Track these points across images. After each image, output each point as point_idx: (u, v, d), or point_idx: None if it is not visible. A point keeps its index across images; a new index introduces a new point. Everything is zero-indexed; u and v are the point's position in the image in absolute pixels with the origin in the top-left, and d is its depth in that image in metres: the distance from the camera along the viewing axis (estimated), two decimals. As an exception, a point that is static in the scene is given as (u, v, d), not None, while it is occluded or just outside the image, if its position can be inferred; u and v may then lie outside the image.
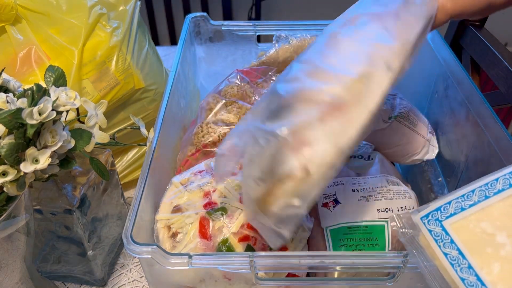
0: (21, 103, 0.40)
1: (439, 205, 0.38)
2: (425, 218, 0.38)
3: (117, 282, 0.60)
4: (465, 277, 0.34)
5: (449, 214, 0.37)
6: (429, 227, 0.37)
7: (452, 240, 0.36)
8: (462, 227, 0.37)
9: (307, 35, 0.72)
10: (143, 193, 0.46)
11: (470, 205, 0.37)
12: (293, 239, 0.47)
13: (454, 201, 0.38)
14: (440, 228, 0.37)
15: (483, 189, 0.38)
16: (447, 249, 0.36)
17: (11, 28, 0.58)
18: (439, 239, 0.37)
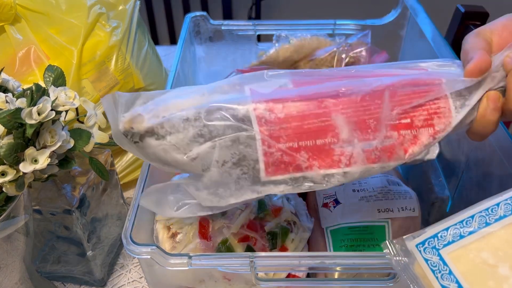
0: (20, 103, 0.40)
1: (436, 232, 0.36)
2: (420, 245, 0.35)
3: (116, 283, 0.59)
4: None
5: (446, 242, 0.35)
6: (425, 256, 0.35)
7: (451, 271, 0.34)
8: (461, 257, 0.34)
9: (307, 35, 0.72)
10: (142, 193, 0.46)
11: (469, 232, 0.35)
12: (293, 239, 0.47)
13: (452, 228, 0.35)
14: (437, 257, 0.35)
15: (483, 214, 0.35)
16: (445, 281, 0.34)
17: (10, 27, 0.58)
18: (437, 269, 0.34)
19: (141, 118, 0.37)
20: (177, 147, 0.37)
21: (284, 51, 0.70)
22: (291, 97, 0.37)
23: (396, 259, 0.36)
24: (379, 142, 0.38)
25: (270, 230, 0.46)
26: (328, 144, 0.37)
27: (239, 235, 0.45)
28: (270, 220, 0.46)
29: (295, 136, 0.36)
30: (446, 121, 0.39)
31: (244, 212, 0.46)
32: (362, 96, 0.38)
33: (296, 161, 0.37)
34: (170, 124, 0.37)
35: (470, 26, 0.94)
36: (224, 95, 0.39)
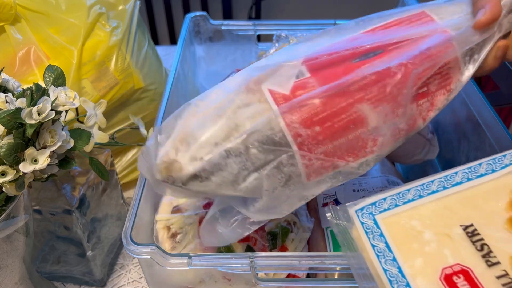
0: (20, 103, 0.40)
1: (374, 200, 0.39)
2: (359, 211, 0.39)
3: (116, 283, 0.59)
4: (388, 268, 0.36)
5: (382, 209, 0.39)
6: (362, 220, 0.39)
7: (382, 234, 0.38)
8: (393, 222, 0.38)
9: (308, 35, 0.72)
10: (142, 193, 0.46)
11: (404, 202, 0.39)
12: (293, 239, 0.47)
13: (389, 198, 0.39)
14: (372, 222, 0.38)
15: (418, 189, 0.39)
16: (376, 241, 0.37)
17: (10, 27, 0.58)
18: (370, 231, 0.38)
19: (178, 166, 0.36)
20: (223, 185, 0.36)
21: (284, 51, 0.70)
22: (316, 95, 0.37)
23: (336, 222, 0.40)
24: (404, 119, 0.39)
25: (270, 230, 0.46)
26: (360, 136, 0.38)
27: (239, 235, 0.45)
28: (270, 220, 0.46)
29: (328, 139, 0.37)
30: (456, 79, 0.40)
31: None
32: (384, 81, 0.38)
33: (333, 161, 0.38)
34: (211, 165, 0.36)
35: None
36: (248, 109, 0.37)
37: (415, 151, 0.64)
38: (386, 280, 0.35)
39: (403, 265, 0.36)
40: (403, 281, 0.35)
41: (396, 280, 0.35)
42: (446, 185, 0.39)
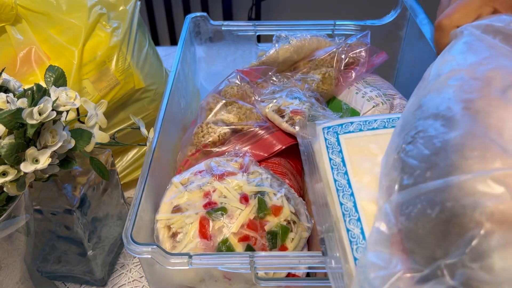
0: (21, 103, 0.40)
1: (342, 122, 0.43)
2: (326, 129, 0.43)
3: (117, 282, 0.60)
4: (338, 179, 0.40)
5: (347, 131, 0.43)
6: (326, 136, 0.43)
7: (341, 150, 0.41)
8: (353, 143, 0.42)
9: (307, 35, 0.72)
10: (143, 193, 0.46)
11: (368, 129, 0.43)
12: (293, 238, 0.47)
13: (356, 123, 0.43)
14: (335, 139, 0.42)
15: (385, 121, 0.43)
16: (333, 156, 0.41)
17: (11, 28, 0.58)
18: (331, 147, 0.42)
19: None
20: None
21: (284, 51, 0.70)
22: None
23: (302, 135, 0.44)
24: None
25: (270, 229, 0.46)
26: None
27: (239, 235, 0.45)
28: (270, 220, 0.46)
29: None
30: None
31: (244, 212, 0.46)
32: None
33: None
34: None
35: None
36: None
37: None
38: (334, 188, 0.39)
39: (352, 178, 0.39)
40: (348, 190, 0.39)
41: (343, 190, 0.39)
42: None
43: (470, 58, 0.38)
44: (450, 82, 0.36)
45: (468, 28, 0.41)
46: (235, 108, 0.61)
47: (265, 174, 0.51)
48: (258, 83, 0.66)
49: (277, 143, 0.57)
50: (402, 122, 0.38)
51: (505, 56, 0.37)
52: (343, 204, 0.38)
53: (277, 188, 0.50)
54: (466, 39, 0.40)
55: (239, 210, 0.46)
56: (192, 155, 0.60)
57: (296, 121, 0.47)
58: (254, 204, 0.46)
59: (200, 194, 0.48)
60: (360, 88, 0.65)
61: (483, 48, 0.38)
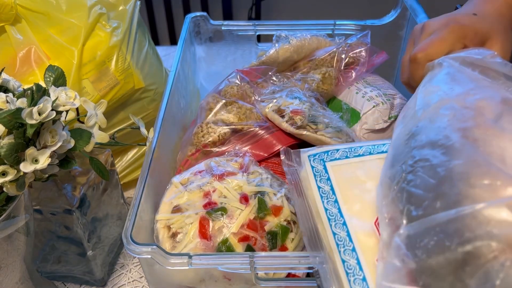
0: (21, 103, 0.40)
1: (327, 149, 0.43)
2: (312, 156, 0.43)
3: (117, 282, 0.60)
4: (329, 208, 0.39)
5: (333, 158, 0.43)
6: (313, 164, 0.42)
7: (329, 178, 0.41)
8: (341, 170, 0.42)
9: (307, 35, 0.72)
10: (143, 193, 0.46)
11: (354, 155, 0.43)
12: (293, 239, 0.47)
13: (342, 150, 0.43)
14: (322, 167, 0.42)
15: (370, 147, 0.43)
16: (322, 184, 0.41)
17: (11, 28, 0.58)
18: (318, 175, 0.41)
19: None
20: None
21: (284, 51, 0.70)
22: None
23: (288, 163, 0.44)
24: None
25: (270, 229, 0.46)
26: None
27: (239, 235, 0.45)
28: (270, 220, 0.46)
29: None
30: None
31: (244, 212, 0.46)
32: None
33: None
34: None
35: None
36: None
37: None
38: (326, 218, 0.38)
39: (343, 207, 0.39)
40: (340, 220, 0.38)
41: (335, 219, 0.38)
42: None
43: (456, 89, 0.38)
44: (442, 111, 0.37)
45: (447, 60, 0.43)
46: (235, 108, 0.61)
47: (265, 174, 0.51)
48: (258, 83, 0.66)
49: (277, 143, 0.57)
50: (394, 151, 0.38)
51: (487, 87, 0.38)
52: (336, 234, 0.37)
53: (277, 188, 0.50)
54: (447, 70, 0.42)
55: (239, 210, 0.46)
56: (192, 155, 0.60)
57: (280, 151, 0.46)
58: (254, 204, 0.46)
59: (200, 194, 0.48)
60: (360, 88, 0.65)
61: (466, 79, 0.39)
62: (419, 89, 0.43)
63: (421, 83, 0.44)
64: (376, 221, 0.37)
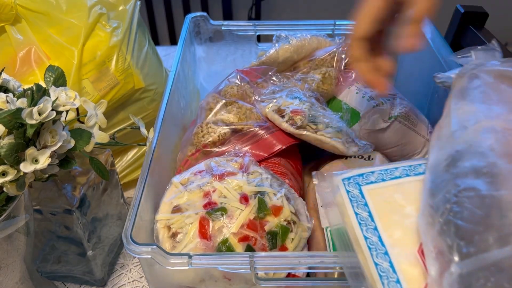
0: (21, 103, 0.40)
1: (362, 172, 0.41)
2: (346, 180, 0.41)
3: (117, 282, 0.60)
4: (369, 236, 0.37)
5: (369, 181, 0.40)
6: (348, 188, 0.40)
7: (366, 203, 0.39)
8: (378, 194, 0.39)
9: (307, 35, 0.72)
10: (143, 193, 0.46)
11: (390, 178, 0.41)
12: (293, 239, 0.47)
13: (377, 172, 0.41)
14: (358, 191, 0.40)
15: (406, 169, 0.41)
16: (359, 210, 0.38)
17: (11, 28, 0.58)
18: (355, 200, 0.39)
19: None
20: None
21: (284, 51, 0.70)
22: None
23: (321, 185, 0.42)
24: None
25: (270, 229, 0.46)
26: None
27: (239, 235, 0.45)
28: (270, 220, 0.46)
29: None
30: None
31: (244, 212, 0.46)
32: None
33: None
34: None
35: (470, 26, 0.94)
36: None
37: (415, 151, 0.64)
38: (366, 247, 0.36)
39: (383, 234, 0.37)
40: (382, 249, 0.36)
41: (376, 248, 0.36)
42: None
43: (495, 109, 0.37)
44: (483, 135, 0.35)
45: (480, 75, 0.41)
46: (235, 108, 0.61)
47: (265, 174, 0.51)
48: (258, 83, 0.66)
49: (277, 143, 0.57)
50: (433, 177, 0.36)
51: None
52: (379, 264, 0.35)
53: (277, 188, 0.50)
54: (481, 88, 0.40)
55: (239, 210, 0.46)
56: (192, 155, 0.60)
57: (313, 174, 0.45)
58: (254, 204, 0.46)
59: (200, 194, 0.48)
60: (360, 88, 0.65)
61: (503, 97, 0.38)
62: (451, 106, 0.40)
63: (451, 98, 0.41)
64: (419, 249, 0.36)
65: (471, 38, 0.93)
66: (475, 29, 0.92)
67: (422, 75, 0.72)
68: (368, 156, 0.60)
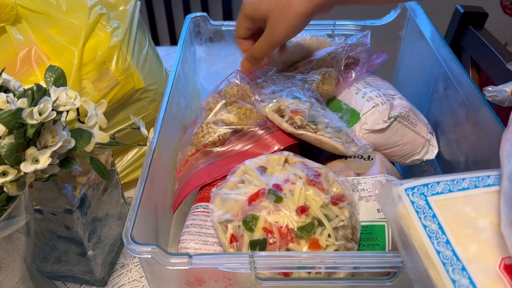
0: (21, 103, 0.40)
1: (426, 182, 0.38)
2: (409, 190, 0.38)
3: (117, 282, 0.60)
4: (441, 250, 0.34)
5: (435, 192, 0.38)
6: (412, 199, 0.37)
7: (434, 215, 0.36)
8: (447, 206, 0.37)
9: (307, 35, 0.72)
10: (143, 193, 0.46)
11: (458, 189, 0.38)
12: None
13: (443, 182, 0.38)
14: (424, 202, 0.37)
15: (474, 179, 0.38)
16: (428, 222, 0.36)
17: (11, 28, 0.58)
18: (421, 211, 0.37)
19: None
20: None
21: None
22: None
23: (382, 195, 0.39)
24: None
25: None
26: None
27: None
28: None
29: None
30: None
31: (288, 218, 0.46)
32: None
33: None
34: None
35: (470, 27, 0.94)
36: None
37: (414, 151, 0.64)
38: (439, 262, 0.34)
39: (457, 248, 0.34)
40: (458, 264, 0.33)
41: (451, 263, 0.33)
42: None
43: None
44: None
45: None
46: (235, 108, 0.61)
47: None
48: (258, 83, 0.66)
49: (277, 143, 0.57)
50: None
51: None
52: (456, 281, 0.32)
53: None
54: None
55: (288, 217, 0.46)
56: (192, 155, 0.61)
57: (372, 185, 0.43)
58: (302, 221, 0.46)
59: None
60: (360, 88, 0.65)
61: None
62: None
63: None
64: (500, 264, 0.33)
65: (471, 38, 0.93)
66: (475, 29, 0.92)
67: (422, 75, 0.72)
68: (368, 156, 0.60)
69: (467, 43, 0.95)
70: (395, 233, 0.38)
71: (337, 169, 0.57)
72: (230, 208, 0.48)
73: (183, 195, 0.56)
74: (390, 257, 0.41)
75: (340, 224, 0.47)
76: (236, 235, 0.47)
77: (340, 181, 0.51)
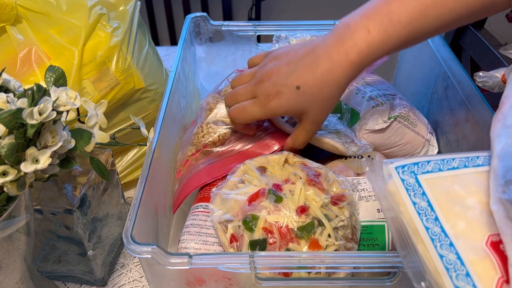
0: (22, 103, 0.40)
1: (417, 161, 0.39)
2: (400, 168, 0.38)
3: (117, 282, 0.60)
4: (430, 226, 0.35)
5: (425, 171, 0.38)
6: (402, 176, 0.38)
7: (424, 193, 0.37)
8: (436, 184, 0.37)
9: (307, 35, 0.72)
10: (143, 193, 0.46)
11: (448, 168, 0.38)
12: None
13: (433, 162, 0.39)
14: (414, 180, 0.37)
15: (464, 160, 0.39)
16: (417, 199, 0.36)
17: (11, 28, 0.58)
18: (411, 189, 0.37)
19: None
20: None
21: (284, 51, 0.70)
22: None
23: (372, 172, 0.39)
24: None
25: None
26: None
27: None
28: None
29: None
30: None
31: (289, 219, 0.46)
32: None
33: None
34: None
35: (469, 27, 0.94)
36: None
37: (414, 151, 0.64)
38: (428, 238, 0.34)
39: (445, 224, 0.35)
40: (446, 240, 0.34)
41: (439, 239, 0.34)
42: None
43: None
44: None
45: None
46: (235, 108, 0.61)
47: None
48: (258, 83, 0.66)
49: (276, 143, 0.58)
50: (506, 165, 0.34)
51: None
52: (444, 256, 0.33)
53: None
54: None
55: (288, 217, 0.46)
56: (192, 155, 0.61)
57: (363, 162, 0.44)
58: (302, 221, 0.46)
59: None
60: (360, 89, 0.65)
61: None
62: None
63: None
64: (487, 241, 0.34)
65: (471, 38, 0.93)
66: (474, 29, 0.92)
67: (422, 75, 0.72)
68: (368, 156, 0.60)
69: (467, 43, 0.95)
70: (385, 211, 0.39)
71: (337, 169, 0.57)
72: (230, 208, 0.48)
73: (183, 195, 0.56)
74: (390, 257, 0.41)
75: (340, 224, 0.47)
76: (236, 235, 0.47)
77: (340, 181, 0.51)
